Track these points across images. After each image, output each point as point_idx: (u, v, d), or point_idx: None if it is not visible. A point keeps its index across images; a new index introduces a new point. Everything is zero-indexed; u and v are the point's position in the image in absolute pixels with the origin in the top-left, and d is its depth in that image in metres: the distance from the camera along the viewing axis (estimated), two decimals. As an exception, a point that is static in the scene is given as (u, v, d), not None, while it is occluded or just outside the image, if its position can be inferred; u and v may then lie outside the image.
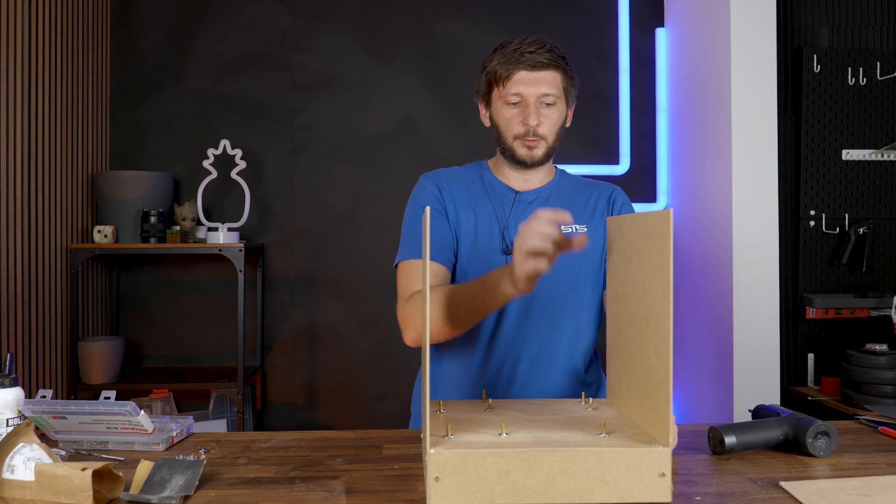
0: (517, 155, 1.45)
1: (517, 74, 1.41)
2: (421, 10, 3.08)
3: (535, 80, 1.40)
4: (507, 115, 1.44)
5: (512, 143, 1.44)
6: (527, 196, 1.49)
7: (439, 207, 1.49)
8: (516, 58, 1.40)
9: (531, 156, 1.44)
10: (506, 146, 1.46)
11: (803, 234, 2.76)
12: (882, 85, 2.78)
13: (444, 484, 0.91)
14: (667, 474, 0.93)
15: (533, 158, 1.44)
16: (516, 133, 1.43)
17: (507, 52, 1.42)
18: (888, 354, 2.27)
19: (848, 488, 0.99)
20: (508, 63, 1.41)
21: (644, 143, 3.13)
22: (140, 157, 3.02)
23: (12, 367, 1.19)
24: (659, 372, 0.95)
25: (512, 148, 1.45)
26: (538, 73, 1.40)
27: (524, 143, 1.43)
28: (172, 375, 2.86)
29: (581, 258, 1.47)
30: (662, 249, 0.93)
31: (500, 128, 1.46)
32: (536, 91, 1.40)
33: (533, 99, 1.40)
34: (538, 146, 1.43)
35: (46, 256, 2.52)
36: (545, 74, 1.40)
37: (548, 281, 1.44)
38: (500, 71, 1.42)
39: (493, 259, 1.45)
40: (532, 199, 1.49)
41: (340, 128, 3.06)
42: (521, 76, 1.40)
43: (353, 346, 3.06)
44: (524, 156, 1.44)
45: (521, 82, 1.40)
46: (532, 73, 1.40)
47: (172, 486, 0.96)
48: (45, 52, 2.49)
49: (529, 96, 1.40)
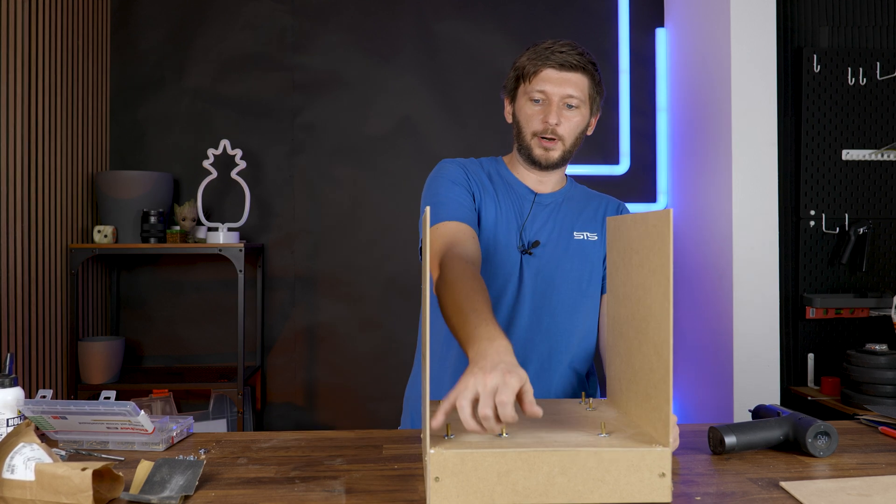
0: (533, 154, 1.44)
1: (544, 72, 1.41)
2: (421, 10, 3.08)
3: (561, 79, 1.40)
4: (529, 112, 1.43)
5: (530, 140, 1.44)
6: (544, 199, 1.50)
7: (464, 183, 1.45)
8: (546, 55, 1.41)
9: (547, 157, 1.44)
10: (523, 143, 1.45)
11: (803, 234, 2.76)
12: (882, 85, 2.78)
13: (445, 484, 0.91)
14: (667, 474, 0.93)
15: (549, 160, 1.44)
16: (535, 130, 1.43)
17: (538, 49, 1.43)
18: (888, 354, 2.27)
19: (848, 488, 0.99)
20: (537, 60, 1.41)
21: (644, 143, 3.13)
22: (140, 157, 3.02)
23: (12, 367, 1.18)
24: (659, 372, 0.95)
25: (529, 146, 1.44)
26: (565, 74, 1.40)
27: (541, 143, 1.43)
28: (172, 375, 2.86)
29: (591, 265, 1.48)
30: (662, 249, 0.93)
31: (521, 123, 1.46)
32: (561, 91, 1.40)
33: (556, 98, 1.40)
34: (555, 147, 1.43)
35: (46, 256, 2.52)
36: (572, 76, 1.40)
37: (559, 286, 1.44)
38: (528, 67, 1.42)
39: (510, 256, 1.45)
40: (548, 203, 1.50)
41: (340, 128, 3.06)
42: (547, 74, 1.40)
43: (353, 346, 3.05)
44: (540, 156, 1.44)
45: (546, 80, 1.40)
46: (559, 72, 1.40)
47: (172, 486, 0.96)
48: (45, 52, 2.49)
49: (553, 95, 1.40)
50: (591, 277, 1.48)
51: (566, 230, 1.48)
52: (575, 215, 1.50)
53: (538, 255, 1.45)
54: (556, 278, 1.45)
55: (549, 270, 1.45)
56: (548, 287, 1.45)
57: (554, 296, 1.45)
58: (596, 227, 1.51)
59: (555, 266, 1.45)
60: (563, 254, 1.46)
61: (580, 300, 1.47)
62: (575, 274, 1.46)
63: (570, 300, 1.46)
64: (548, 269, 1.45)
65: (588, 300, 1.48)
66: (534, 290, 1.44)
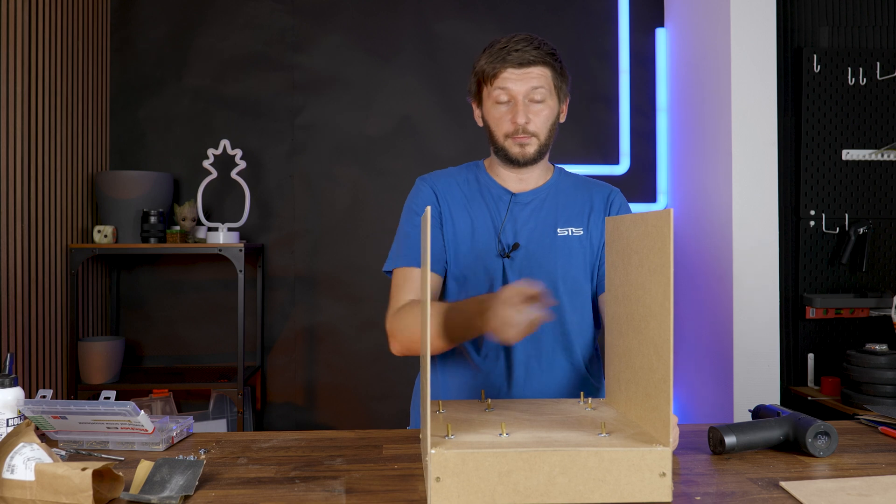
0: (509, 154, 1.44)
1: (504, 72, 1.40)
2: (421, 10, 3.08)
3: (522, 77, 1.40)
4: (497, 115, 1.43)
5: (503, 142, 1.44)
6: (523, 198, 1.49)
7: (435, 213, 1.49)
8: (503, 56, 1.40)
9: (523, 154, 1.43)
10: (498, 145, 1.45)
11: (803, 234, 2.76)
12: (882, 85, 2.78)
13: (445, 484, 0.91)
14: (667, 474, 0.93)
15: (525, 156, 1.43)
16: (506, 131, 1.42)
17: (493, 50, 1.42)
18: (888, 354, 2.27)
19: (848, 488, 0.99)
20: (495, 61, 1.41)
21: (644, 143, 3.13)
22: (140, 157, 3.02)
23: (12, 367, 1.19)
24: (659, 372, 0.95)
25: (504, 147, 1.44)
26: (525, 70, 1.40)
27: (516, 142, 1.42)
28: (172, 375, 2.86)
29: (577, 260, 1.47)
30: (663, 249, 0.93)
31: (491, 127, 1.46)
32: (524, 88, 1.40)
33: (521, 96, 1.40)
34: (530, 143, 1.42)
35: (46, 256, 2.52)
36: (532, 70, 1.40)
37: (546, 285, 1.44)
38: (488, 70, 1.42)
39: (490, 263, 1.44)
40: (528, 201, 1.49)
41: (340, 128, 3.07)
42: (508, 74, 1.40)
43: (353, 346, 3.05)
44: (516, 154, 1.43)
45: (508, 80, 1.40)
46: (519, 70, 1.40)
47: (172, 486, 0.96)
48: (45, 51, 2.49)
49: (518, 94, 1.40)
50: (578, 273, 1.47)
51: (549, 227, 1.47)
52: (559, 211, 1.49)
53: (520, 256, 1.44)
54: (542, 277, 1.44)
55: (532, 270, 1.44)
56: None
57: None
58: (582, 221, 1.49)
59: (538, 265, 1.44)
60: (547, 252, 1.45)
61: (569, 296, 1.46)
62: (560, 271, 1.45)
63: (560, 298, 1.44)
64: (531, 269, 1.44)
65: (578, 296, 1.47)
66: None
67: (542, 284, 1.20)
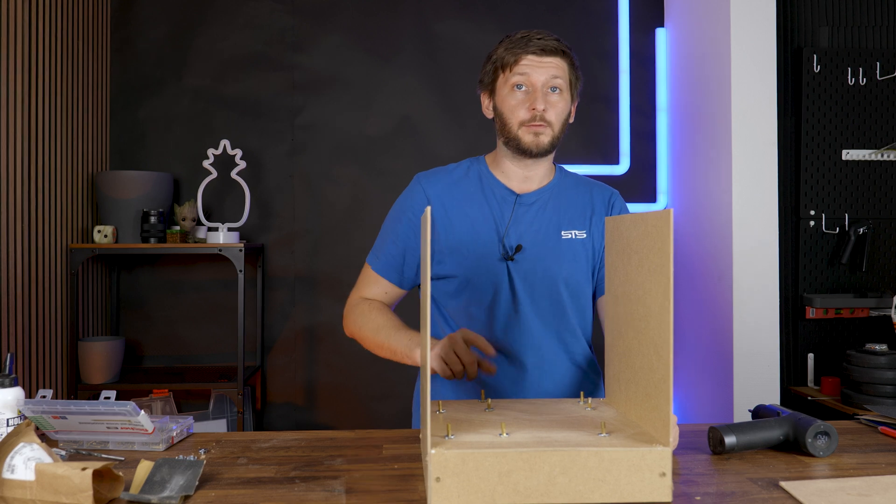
0: (523, 143, 1.41)
1: (525, 59, 1.40)
2: (421, 10, 3.08)
3: (542, 64, 1.40)
4: (513, 102, 1.41)
5: (517, 130, 1.41)
6: (527, 199, 1.48)
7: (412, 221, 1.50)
8: (524, 43, 1.40)
9: (537, 143, 1.41)
10: (510, 135, 1.42)
11: (803, 234, 2.76)
12: (882, 85, 2.78)
13: (446, 484, 0.91)
14: (667, 474, 0.93)
15: (539, 146, 1.41)
16: (522, 119, 1.41)
17: (514, 39, 1.42)
18: (888, 354, 2.27)
19: (848, 488, 0.99)
20: (516, 48, 1.41)
21: (644, 143, 3.13)
22: (140, 157, 3.02)
23: (12, 367, 1.19)
24: (659, 372, 0.95)
25: (517, 136, 1.41)
26: (546, 58, 1.40)
27: (531, 129, 1.40)
28: (172, 375, 2.86)
29: (580, 263, 1.47)
30: (663, 249, 0.93)
31: (505, 115, 1.43)
32: (544, 75, 1.39)
33: (540, 83, 1.40)
34: (545, 132, 1.41)
35: (46, 256, 2.52)
36: (553, 60, 1.40)
37: (550, 288, 1.44)
38: (507, 56, 1.41)
39: (492, 266, 1.44)
40: (532, 202, 1.48)
41: (340, 127, 3.07)
42: (528, 60, 1.40)
43: (353, 346, 3.00)
44: (530, 143, 1.41)
45: (528, 66, 1.40)
46: (540, 57, 1.40)
47: (172, 486, 0.96)
48: (45, 51, 2.49)
49: (537, 80, 1.40)
50: (581, 276, 1.47)
51: (552, 229, 1.47)
52: (562, 212, 1.48)
53: (525, 258, 1.44)
54: (547, 280, 1.44)
55: (538, 273, 1.44)
56: (538, 290, 1.44)
57: (546, 298, 1.44)
58: (584, 223, 1.49)
59: (544, 268, 1.44)
60: (551, 255, 1.45)
61: (571, 299, 1.46)
62: (565, 275, 1.45)
63: (557, 297, 1.45)
64: (536, 272, 1.44)
65: (579, 299, 1.48)
66: (525, 294, 1.44)
67: (492, 349, 1.29)
